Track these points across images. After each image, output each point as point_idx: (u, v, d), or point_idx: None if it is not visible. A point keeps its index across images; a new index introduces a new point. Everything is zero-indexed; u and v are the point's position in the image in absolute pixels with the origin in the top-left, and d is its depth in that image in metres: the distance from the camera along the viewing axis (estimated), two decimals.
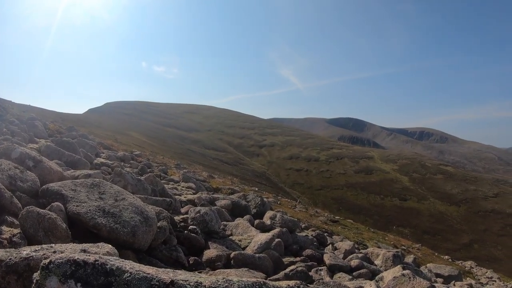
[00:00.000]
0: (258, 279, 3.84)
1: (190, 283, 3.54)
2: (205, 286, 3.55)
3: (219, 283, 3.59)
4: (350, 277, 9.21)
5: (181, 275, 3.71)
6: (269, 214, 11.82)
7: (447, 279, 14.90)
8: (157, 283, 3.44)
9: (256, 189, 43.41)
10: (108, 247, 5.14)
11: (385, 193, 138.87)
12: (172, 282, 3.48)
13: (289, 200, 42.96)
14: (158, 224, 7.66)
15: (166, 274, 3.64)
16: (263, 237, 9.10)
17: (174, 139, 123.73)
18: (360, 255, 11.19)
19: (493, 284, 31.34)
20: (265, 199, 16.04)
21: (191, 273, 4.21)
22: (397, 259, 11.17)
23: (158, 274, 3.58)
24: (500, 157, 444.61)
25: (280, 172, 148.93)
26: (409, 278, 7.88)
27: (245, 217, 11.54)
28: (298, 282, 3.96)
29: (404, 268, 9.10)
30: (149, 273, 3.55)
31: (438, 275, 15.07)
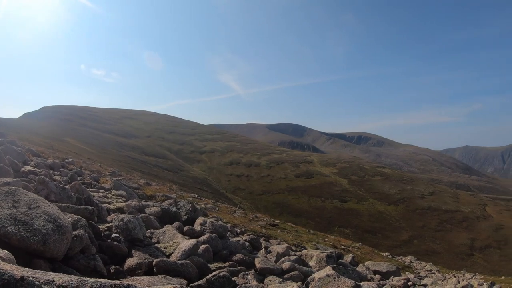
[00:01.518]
0: (129, 283, 3.92)
1: (40, 280, 3.64)
2: (55, 284, 3.64)
3: (72, 282, 3.70)
4: (281, 279, 9.08)
5: (37, 274, 3.81)
6: (199, 220, 11.57)
7: (385, 275, 15.11)
8: (8, 278, 3.54)
9: (196, 195, 42.99)
10: (3, 252, 5.00)
11: (325, 196, 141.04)
12: (22, 277, 3.60)
13: (229, 206, 42.71)
14: (75, 232, 7.27)
15: (19, 270, 3.74)
16: (187, 243, 8.83)
17: (113, 146, 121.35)
18: (293, 257, 11.06)
19: (432, 276, 32.24)
20: (196, 205, 15.76)
21: (50, 272, 4.20)
22: (330, 260, 11.12)
23: (12, 270, 3.67)
24: (434, 158, 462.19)
25: (221, 178, 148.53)
26: (334, 278, 7.82)
27: (174, 224, 11.23)
28: None
29: (334, 269, 9.06)
30: (2, 269, 3.62)
31: (376, 272, 15.28)
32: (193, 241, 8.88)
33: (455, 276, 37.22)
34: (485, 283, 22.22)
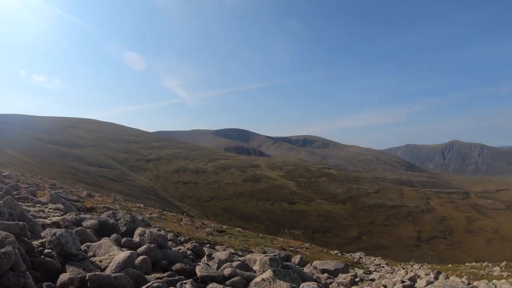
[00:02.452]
0: None
1: None
2: None
3: None
4: (222, 286, 8.95)
5: None
6: (138, 231, 11.22)
7: (333, 273, 15.13)
8: None
9: (142, 205, 42.40)
10: None
11: (273, 199, 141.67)
12: None
13: (175, 214, 42.18)
14: (3, 250, 6.92)
15: None
16: (122, 255, 8.52)
17: (56, 157, 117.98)
18: (236, 263, 10.91)
19: (381, 270, 32.79)
20: (139, 216, 15.44)
21: None
22: (274, 263, 11.02)
23: None
24: (377, 157, 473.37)
25: (168, 186, 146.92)
26: (269, 282, 7.77)
27: (111, 236, 10.86)
28: None
29: (274, 272, 9.00)
30: None
31: (324, 271, 15.29)
32: (127, 253, 8.58)
33: (403, 268, 37.99)
34: (431, 272, 22.73)
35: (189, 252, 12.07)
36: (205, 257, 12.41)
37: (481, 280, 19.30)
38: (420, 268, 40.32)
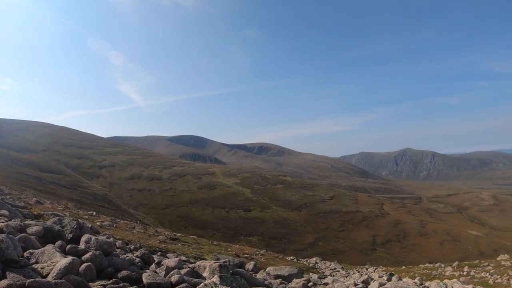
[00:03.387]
0: None
1: None
2: None
3: None
4: None
5: None
6: (84, 238, 10.89)
7: (287, 278, 15.39)
8: None
9: (94, 213, 41.57)
10: None
11: (229, 206, 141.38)
12: None
13: (128, 222, 41.50)
14: None
15: None
16: (63, 261, 8.24)
17: (5, 162, 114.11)
18: (186, 270, 10.72)
19: (336, 274, 33.06)
20: (88, 224, 15.04)
21: None
22: (224, 269, 10.90)
23: None
24: (332, 165, 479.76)
25: (123, 193, 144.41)
26: (211, 287, 7.70)
27: (56, 243, 10.49)
28: None
29: (221, 278, 8.95)
30: None
31: (278, 276, 15.53)
32: (69, 259, 8.29)
33: (358, 272, 38.57)
34: (384, 275, 23.06)
35: (137, 259, 11.80)
36: (154, 264, 12.18)
37: (433, 280, 19.64)
38: (374, 270, 41.00)
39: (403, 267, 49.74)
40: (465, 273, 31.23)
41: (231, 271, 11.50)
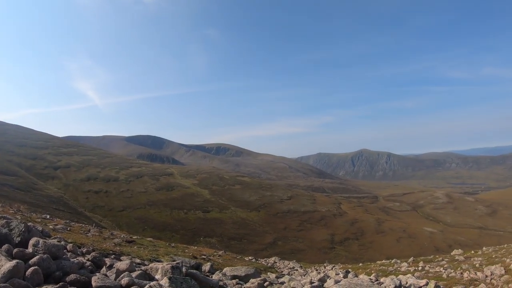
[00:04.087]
0: None
1: None
2: None
3: None
4: None
5: None
6: (32, 241, 10.53)
7: (244, 279, 15.28)
8: None
9: (48, 216, 40.70)
10: None
11: (188, 207, 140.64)
12: None
13: (83, 225, 40.67)
14: None
15: None
16: (7, 265, 7.93)
17: None
18: (137, 272, 10.49)
19: (294, 273, 33.17)
20: (38, 227, 14.60)
21: None
22: (176, 271, 10.71)
23: None
24: (290, 165, 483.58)
25: (79, 195, 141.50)
26: None
27: (3, 247, 10.08)
28: None
29: (170, 279, 9.03)
30: None
31: (235, 277, 15.41)
32: (13, 263, 7.98)
33: (316, 270, 38.76)
34: (341, 272, 23.25)
35: (88, 263, 11.48)
36: (105, 268, 11.88)
37: (388, 276, 19.89)
38: (332, 268, 41.34)
39: (360, 264, 50.42)
40: (420, 268, 31.84)
41: (184, 272, 11.35)
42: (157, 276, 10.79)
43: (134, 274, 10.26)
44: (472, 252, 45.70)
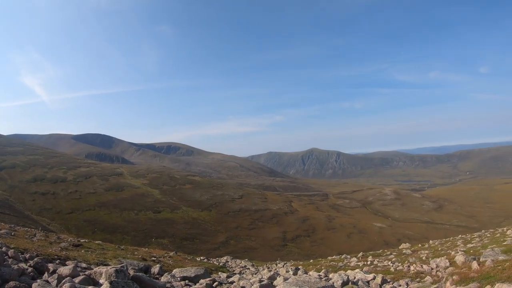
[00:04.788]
0: None
1: None
2: None
3: None
4: None
5: None
6: None
7: (193, 279, 15.35)
8: None
9: None
10: None
11: (138, 208, 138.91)
12: None
13: (29, 230, 39.54)
14: None
15: None
16: None
17: None
18: (81, 277, 10.24)
19: (246, 271, 33.21)
20: None
21: None
22: (120, 274, 10.49)
23: None
24: (241, 164, 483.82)
25: (25, 197, 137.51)
26: None
27: None
28: None
29: (111, 283, 9.04)
30: None
31: (185, 278, 15.45)
32: None
33: (268, 268, 38.92)
34: (290, 269, 23.33)
35: (30, 269, 11.10)
36: (47, 273, 11.51)
37: (338, 271, 20.10)
38: (283, 266, 41.64)
39: (311, 261, 50.86)
40: (369, 262, 32.48)
41: (131, 276, 11.12)
42: (101, 281, 10.55)
43: (77, 280, 9.99)
44: (419, 245, 46.98)
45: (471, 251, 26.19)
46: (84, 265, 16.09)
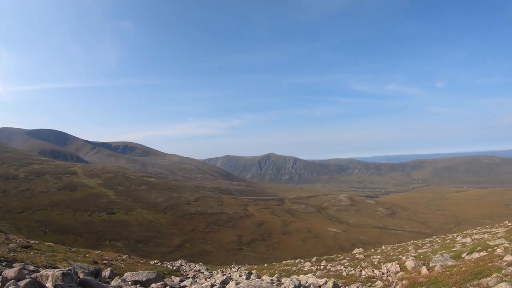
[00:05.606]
0: None
1: None
2: None
3: None
4: None
5: None
6: None
7: (145, 284, 15.14)
8: None
9: None
10: None
11: (92, 209, 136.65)
12: None
13: None
14: None
15: None
16: None
17: None
18: (26, 281, 9.92)
19: (200, 275, 33.10)
20: None
21: None
22: (67, 278, 10.30)
23: None
24: (197, 167, 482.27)
25: None
26: None
27: None
28: None
29: (55, 287, 9.01)
30: None
31: (136, 282, 15.22)
32: None
33: (222, 272, 38.86)
34: (243, 274, 23.36)
35: None
36: None
37: (291, 276, 20.21)
38: (237, 270, 41.67)
39: (266, 265, 51.02)
40: (322, 267, 32.73)
41: (80, 279, 10.90)
42: (48, 284, 10.27)
43: (22, 283, 9.68)
44: (372, 250, 47.76)
45: (422, 256, 26.80)
46: (32, 267, 15.64)
